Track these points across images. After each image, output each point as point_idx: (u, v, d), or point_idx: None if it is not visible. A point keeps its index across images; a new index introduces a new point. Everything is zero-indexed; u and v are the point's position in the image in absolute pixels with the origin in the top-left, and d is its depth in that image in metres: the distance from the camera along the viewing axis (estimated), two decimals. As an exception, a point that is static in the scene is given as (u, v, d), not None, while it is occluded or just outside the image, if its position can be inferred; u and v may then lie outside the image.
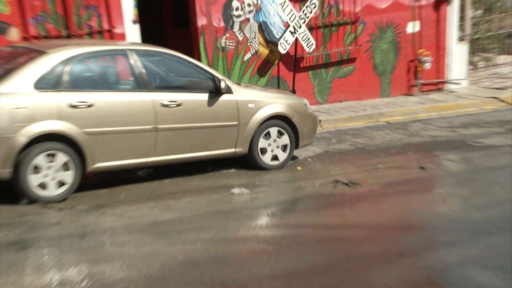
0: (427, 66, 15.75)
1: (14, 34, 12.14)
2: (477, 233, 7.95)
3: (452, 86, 16.05)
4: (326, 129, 13.39)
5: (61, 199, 9.05)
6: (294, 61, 14.47)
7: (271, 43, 14.31)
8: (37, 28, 12.33)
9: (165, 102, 9.74)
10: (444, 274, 7.02)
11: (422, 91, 15.85)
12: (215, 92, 10.18)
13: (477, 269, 6.94)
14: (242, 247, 7.68)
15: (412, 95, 15.82)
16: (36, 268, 7.23)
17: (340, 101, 15.27)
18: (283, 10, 14.01)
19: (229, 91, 10.31)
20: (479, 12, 17.51)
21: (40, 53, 9.39)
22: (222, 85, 10.17)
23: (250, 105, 10.51)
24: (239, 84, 11.22)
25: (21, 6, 12.20)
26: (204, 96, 10.13)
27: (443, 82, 16.02)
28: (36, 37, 12.23)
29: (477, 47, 17.53)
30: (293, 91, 13.82)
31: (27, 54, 9.53)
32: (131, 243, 7.73)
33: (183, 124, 9.95)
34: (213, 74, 10.34)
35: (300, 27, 14.07)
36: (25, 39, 12.11)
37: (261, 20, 14.25)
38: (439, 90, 15.99)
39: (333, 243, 7.73)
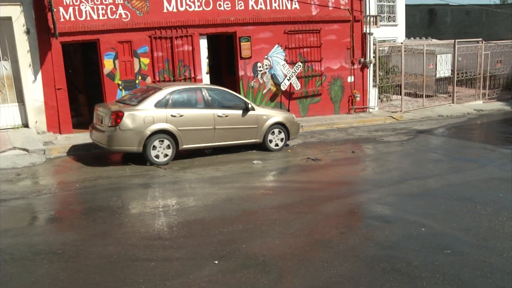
0: (358, 98, 15.41)
1: (148, 80, 12.17)
2: (376, 186, 7.90)
3: (370, 110, 15.73)
4: (304, 130, 13.10)
5: (165, 163, 9.10)
6: (289, 94, 14.32)
7: (277, 84, 14.13)
8: (159, 76, 12.28)
9: (220, 114, 9.70)
10: (359, 207, 7.03)
11: (355, 112, 15.54)
12: (246, 110, 10.05)
13: (375, 204, 6.93)
14: (256, 192, 7.70)
15: (350, 113, 15.54)
16: (152, 197, 7.35)
17: (313, 116, 15.09)
18: (284, 68, 13.92)
19: (253, 109, 10.18)
20: (383, 73, 17.27)
21: (158, 89, 9.48)
22: (250, 106, 10.13)
23: (264, 117, 10.34)
24: (259, 106, 11.08)
25: (153, 65, 12.17)
26: (240, 112, 9.99)
27: (366, 107, 15.71)
28: (158, 81, 12.19)
29: (382, 90, 17.31)
30: (288, 110, 13.68)
31: (153, 89, 9.59)
32: (199, 187, 7.79)
33: (229, 126, 9.85)
34: (245, 100, 10.26)
35: (292, 77, 13.97)
36: (153, 82, 12.08)
37: (272, 73, 14.08)
38: (364, 111, 15.69)
39: (303, 191, 7.72)
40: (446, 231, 5.85)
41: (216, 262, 4.91)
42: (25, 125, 11.15)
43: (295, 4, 13.98)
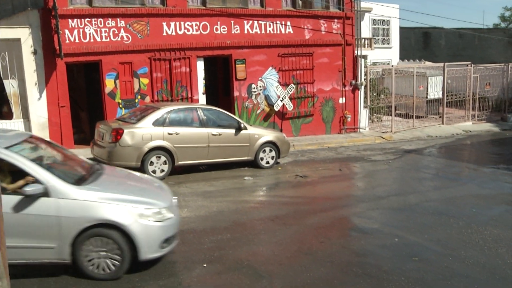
0: (349, 119, 15.93)
1: (147, 99, 12.67)
2: (359, 201, 8.44)
3: (361, 130, 16.21)
4: (296, 149, 13.53)
5: (162, 178, 9.33)
6: (282, 115, 14.85)
7: (270, 105, 14.61)
8: (157, 96, 12.81)
9: (214, 133, 10.12)
10: (340, 220, 7.51)
11: (346, 132, 16.01)
12: (238, 129, 10.44)
13: (355, 217, 7.46)
14: (245, 205, 8.16)
15: (341, 133, 15.99)
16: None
17: (305, 136, 15.53)
18: (277, 89, 14.50)
19: (245, 128, 10.57)
20: (375, 94, 17.79)
21: (156, 108, 9.97)
22: (242, 126, 10.53)
23: (256, 136, 10.70)
24: (251, 125, 11.49)
25: (152, 85, 12.74)
26: (233, 131, 10.39)
27: (356, 128, 16.17)
28: (157, 101, 12.68)
29: (373, 111, 17.73)
30: (281, 130, 14.10)
31: (151, 109, 10.07)
32: (192, 200, 8.25)
33: (222, 144, 10.25)
34: (238, 120, 10.70)
35: (285, 98, 14.51)
36: (152, 101, 12.56)
37: (266, 94, 14.57)
38: (355, 131, 16.15)
39: (290, 205, 8.20)
40: (418, 241, 6.40)
41: (205, 265, 5.45)
42: (29, 141, 11.72)
43: (288, 28, 14.70)
